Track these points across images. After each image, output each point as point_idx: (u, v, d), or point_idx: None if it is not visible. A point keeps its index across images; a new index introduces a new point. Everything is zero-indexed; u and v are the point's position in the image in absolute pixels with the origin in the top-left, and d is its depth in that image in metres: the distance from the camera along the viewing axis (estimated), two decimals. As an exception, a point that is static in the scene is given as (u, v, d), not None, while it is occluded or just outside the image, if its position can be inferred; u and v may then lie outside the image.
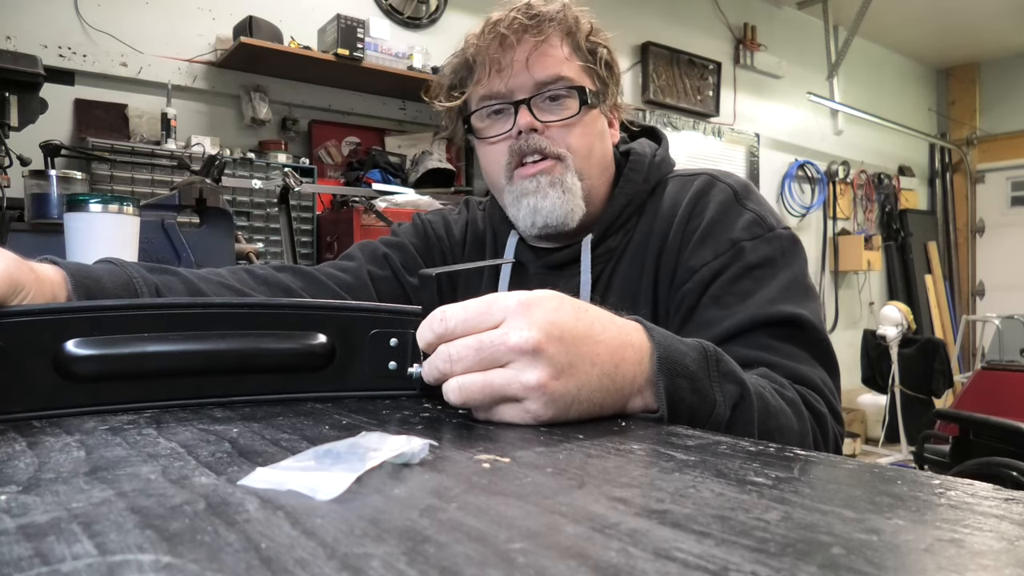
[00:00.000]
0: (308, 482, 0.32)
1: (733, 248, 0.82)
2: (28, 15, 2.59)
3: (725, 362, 0.62)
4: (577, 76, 0.90)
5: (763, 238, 0.83)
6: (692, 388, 0.58)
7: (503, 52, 0.88)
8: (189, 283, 0.75)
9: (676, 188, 0.93)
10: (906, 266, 6.20)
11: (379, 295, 0.98)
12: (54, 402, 0.51)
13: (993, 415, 2.43)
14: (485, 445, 0.43)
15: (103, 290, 0.65)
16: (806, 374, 0.75)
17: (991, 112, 6.61)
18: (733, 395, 0.60)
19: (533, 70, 0.88)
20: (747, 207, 0.86)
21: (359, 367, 0.61)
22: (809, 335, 0.78)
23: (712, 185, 0.90)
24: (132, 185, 2.48)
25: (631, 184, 0.94)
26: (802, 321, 0.78)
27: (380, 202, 2.75)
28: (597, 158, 0.93)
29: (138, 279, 0.69)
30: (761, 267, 0.81)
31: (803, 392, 0.73)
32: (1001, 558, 0.26)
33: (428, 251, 1.06)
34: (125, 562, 0.23)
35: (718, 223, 0.85)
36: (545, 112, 0.89)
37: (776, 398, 0.67)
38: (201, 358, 0.55)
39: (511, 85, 0.89)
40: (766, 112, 5.24)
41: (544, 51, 0.88)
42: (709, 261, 0.83)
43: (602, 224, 0.94)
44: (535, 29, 0.88)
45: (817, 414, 0.72)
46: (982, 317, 5.61)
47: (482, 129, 0.94)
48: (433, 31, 3.55)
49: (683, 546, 0.26)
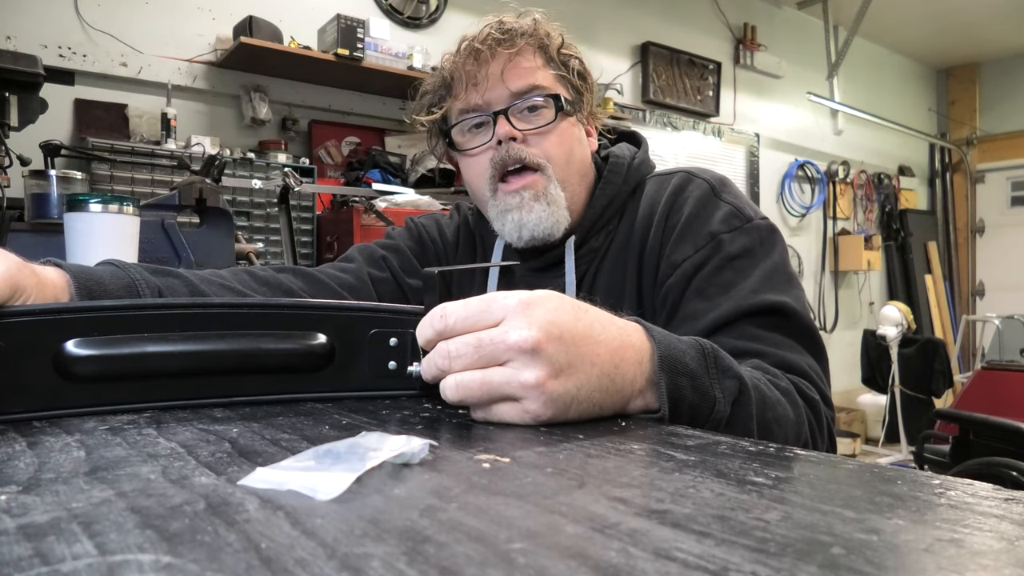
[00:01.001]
0: (308, 482, 0.32)
1: (712, 241, 0.84)
2: (28, 15, 2.59)
3: (722, 358, 0.62)
4: (551, 85, 0.93)
5: (741, 229, 0.84)
6: (693, 387, 0.58)
7: (478, 67, 0.91)
8: (191, 285, 0.75)
9: (654, 187, 0.95)
10: (906, 266, 6.20)
11: (379, 296, 1.00)
12: (54, 402, 0.51)
13: (993, 415, 2.43)
14: (485, 445, 0.43)
15: (106, 292, 0.65)
16: (795, 362, 0.76)
17: (991, 112, 6.61)
18: (732, 391, 0.61)
19: (508, 81, 0.91)
20: (724, 200, 0.88)
21: (359, 367, 0.61)
22: (795, 323, 0.79)
23: (689, 181, 0.91)
24: (132, 185, 2.48)
25: (611, 185, 0.96)
26: (786, 309, 0.79)
27: (380, 202, 2.75)
28: (576, 164, 0.95)
29: (140, 281, 0.70)
30: (741, 257, 0.82)
31: (795, 381, 0.73)
32: (1001, 558, 0.26)
33: (423, 253, 1.08)
34: (125, 562, 0.23)
35: (696, 217, 0.87)
36: (523, 121, 0.92)
37: (772, 389, 0.68)
38: (201, 358, 0.55)
39: (488, 98, 0.92)
40: (766, 112, 5.24)
41: (517, 63, 0.91)
42: (690, 255, 0.84)
43: (583, 226, 0.96)
44: (508, 43, 0.91)
45: (810, 401, 0.73)
46: (982, 317, 5.61)
47: (463, 143, 0.96)
48: (433, 31, 3.55)
49: (683, 546, 0.26)
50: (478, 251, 1.09)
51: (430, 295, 0.57)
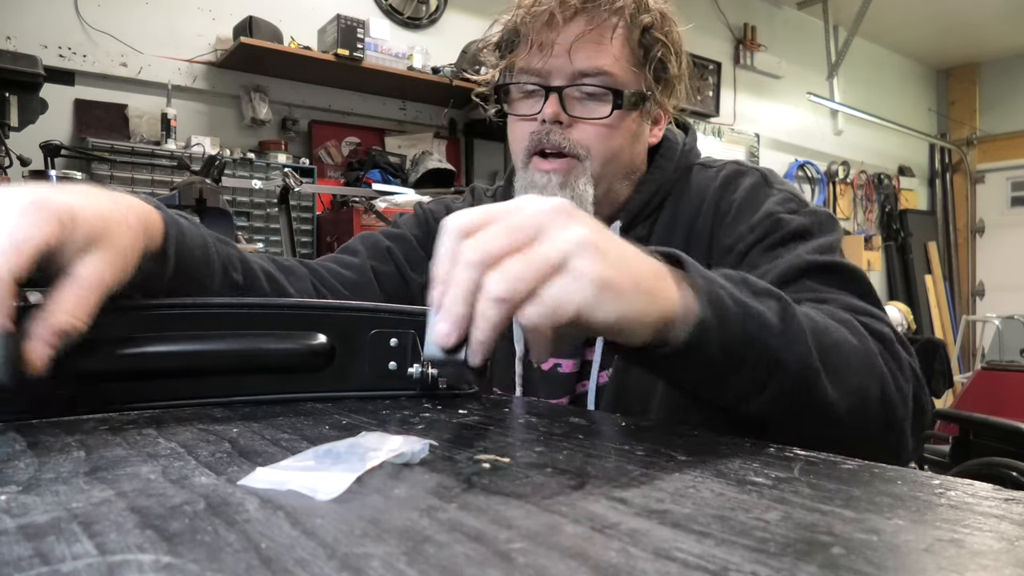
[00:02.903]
0: (308, 482, 0.32)
1: (770, 219, 0.78)
2: (28, 15, 2.59)
3: (753, 282, 0.55)
4: (621, 74, 0.84)
5: (799, 211, 0.80)
6: (734, 300, 0.51)
7: (548, 30, 0.82)
8: (244, 260, 0.72)
9: (703, 176, 0.90)
10: (906, 266, 6.20)
11: (383, 292, 0.93)
12: (54, 402, 0.51)
13: (993, 415, 2.43)
14: (485, 445, 0.43)
15: (190, 251, 0.62)
16: (861, 306, 0.68)
17: (991, 112, 6.61)
18: (775, 308, 0.54)
19: (575, 56, 0.82)
20: (776, 187, 0.84)
21: (359, 367, 0.61)
22: (860, 279, 0.73)
23: (740, 172, 0.88)
24: (132, 185, 2.49)
25: (661, 171, 0.91)
26: (848, 267, 0.73)
27: (380, 202, 2.75)
28: (623, 162, 0.88)
29: (211, 245, 0.66)
30: (800, 237, 0.76)
31: (861, 319, 0.65)
32: (1001, 558, 0.26)
33: (430, 242, 0.96)
34: (125, 562, 0.23)
35: (750, 202, 0.82)
36: (576, 106, 0.84)
37: (824, 317, 0.60)
38: (201, 358, 0.55)
39: (549, 66, 0.84)
40: (766, 112, 5.24)
41: (591, 38, 0.82)
42: (745, 235, 0.79)
43: (630, 211, 0.91)
44: (590, 11, 0.82)
45: (880, 336, 0.64)
46: (982, 317, 5.61)
47: (513, 102, 0.90)
48: (433, 31, 3.55)
49: (683, 546, 0.26)
50: None
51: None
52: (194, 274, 0.63)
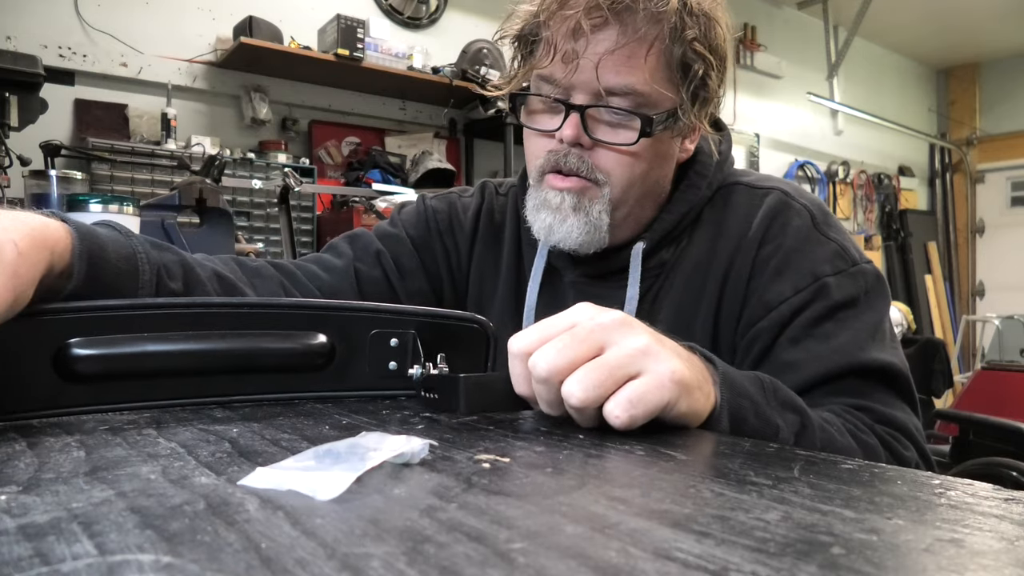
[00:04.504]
0: (308, 482, 0.32)
1: (816, 283, 0.74)
2: (28, 15, 2.59)
3: (783, 391, 0.60)
4: (653, 95, 0.74)
5: (847, 273, 0.75)
6: (755, 412, 0.56)
7: (574, 39, 0.72)
8: (185, 264, 0.69)
9: (744, 202, 0.81)
10: (906, 266, 6.20)
11: (363, 297, 0.87)
12: (54, 402, 0.51)
13: (993, 415, 2.43)
14: (485, 445, 0.43)
15: (106, 259, 0.59)
16: (899, 419, 0.70)
17: (991, 112, 6.61)
18: (794, 424, 0.58)
19: (602, 73, 0.72)
20: (828, 236, 0.77)
21: (359, 367, 0.61)
22: (902, 383, 0.73)
23: (787, 206, 0.79)
24: (132, 185, 2.49)
25: (694, 190, 0.83)
26: (895, 370, 0.73)
27: (380, 202, 2.75)
28: (647, 186, 0.80)
29: (142, 254, 0.63)
30: (845, 307, 0.73)
31: (891, 434, 0.69)
32: (1001, 558, 0.26)
33: (427, 245, 0.93)
34: (125, 562, 0.23)
35: (797, 251, 0.76)
36: (599, 128, 0.75)
37: (845, 436, 0.64)
38: (201, 358, 0.55)
39: (573, 80, 0.74)
40: (766, 112, 5.24)
41: (623, 53, 0.72)
42: (788, 296, 0.74)
43: (656, 232, 0.82)
44: (622, 22, 0.71)
45: (900, 457, 0.67)
46: (982, 317, 5.61)
47: (530, 113, 0.80)
48: (433, 31, 3.55)
49: (683, 546, 0.26)
50: (505, 242, 0.92)
51: (453, 399, 0.55)
52: (116, 286, 0.59)
